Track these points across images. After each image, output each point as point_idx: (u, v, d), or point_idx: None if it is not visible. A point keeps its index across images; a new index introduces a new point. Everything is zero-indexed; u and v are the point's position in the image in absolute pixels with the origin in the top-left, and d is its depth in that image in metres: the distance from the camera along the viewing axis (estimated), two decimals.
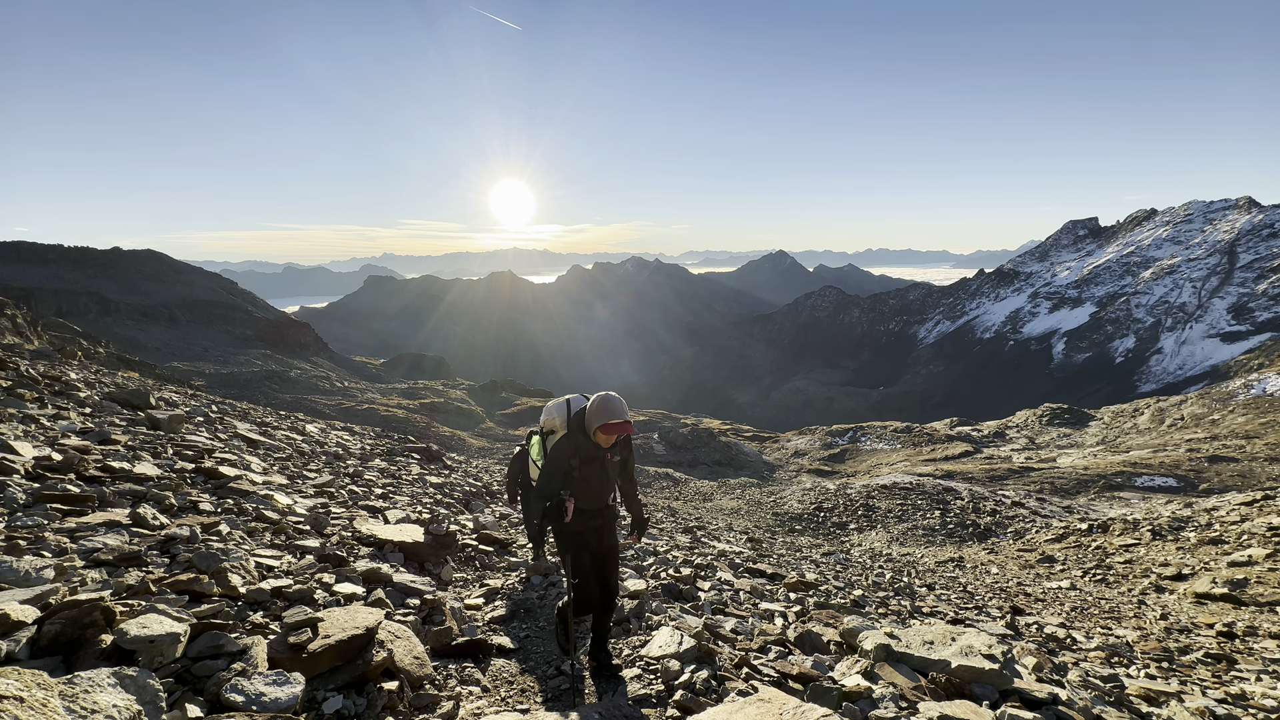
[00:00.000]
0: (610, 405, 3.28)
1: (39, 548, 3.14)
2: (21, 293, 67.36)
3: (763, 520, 17.58)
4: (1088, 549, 12.18)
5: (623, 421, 3.27)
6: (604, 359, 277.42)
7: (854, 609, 5.94)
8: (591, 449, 3.37)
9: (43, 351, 15.10)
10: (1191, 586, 8.64)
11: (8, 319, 27.93)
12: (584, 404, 3.48)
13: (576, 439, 3.39)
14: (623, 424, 3.27)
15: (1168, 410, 40.65)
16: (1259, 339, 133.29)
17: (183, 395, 13.09)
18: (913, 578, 9.90)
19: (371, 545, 5.03)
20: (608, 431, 3.27)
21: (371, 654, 2.88)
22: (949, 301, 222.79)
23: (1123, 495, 21.95)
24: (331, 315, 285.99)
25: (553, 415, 3.67)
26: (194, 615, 2.63)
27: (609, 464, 3.44)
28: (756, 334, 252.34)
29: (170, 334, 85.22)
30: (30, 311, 33.36)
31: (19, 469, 4.19)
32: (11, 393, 6.68)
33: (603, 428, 3.27)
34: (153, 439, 6.38)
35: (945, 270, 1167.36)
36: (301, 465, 7.92)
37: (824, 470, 33.85)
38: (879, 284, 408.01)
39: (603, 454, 3.40)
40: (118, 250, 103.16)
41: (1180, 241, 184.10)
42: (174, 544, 3.60)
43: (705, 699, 3.10)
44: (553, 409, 3.68)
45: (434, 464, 12.00)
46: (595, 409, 3.31)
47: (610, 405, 3.28)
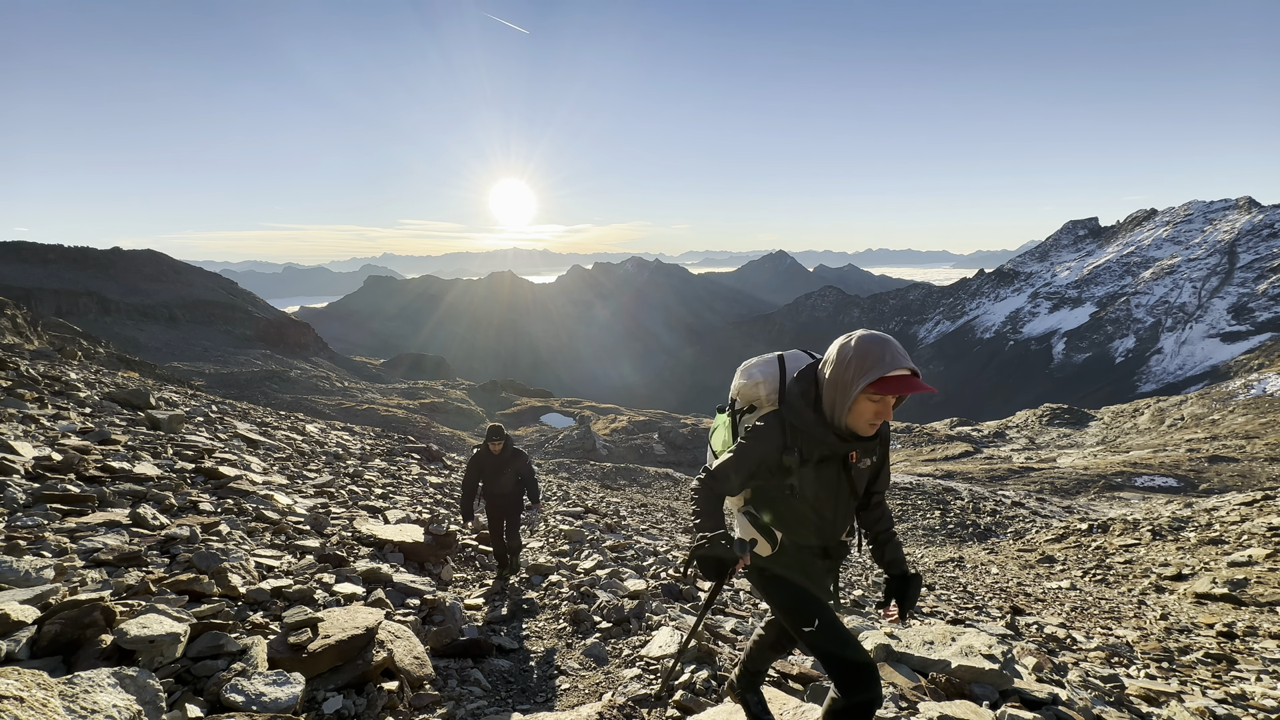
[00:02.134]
0: (885, 346, 1.76)
1: (39, 548, 3.14)
2: (21, 293, 67.38)
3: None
4: (1088, 549, 12.18)
5: (909, 373, 1.75)
6: (604, 359, 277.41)
7: (854, 609, 5.95)
8: (828, 437, 1.85)
9: (43, 351, 15.11)
10: (1191, 586, 8.64)
11: (8, 319, 27.93)
12: (807, 361, 2.06)
13: (800, 417, 1.88)
14: (907, 377, 1.74)
15: (1168, 410, 40.67)
16: (1259, 339, 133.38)
17: (183, 395, 13.09)
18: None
19: (371, 545, 5.03)
20: (885, 390, 1.74)
21: (371, 654, 2.88)
22: (949, 301, 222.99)
23: (1123, 495, 21.96)
24: (331, 315, 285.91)
25: (754, 378, 2.11)
26: (194, 615, 2.63)
27: (855, 469, 1.97)
28: (756, 334, 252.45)
29: (170, 334, 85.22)
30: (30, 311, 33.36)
31: (19, 469, 4.19)
32: (11, 393, 6.68)
33: (877, 385, 1.74)
34: (153, 439, 6.38)
35: (945, 270, 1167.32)
36: (301, 465, 7.92)
37: None
38: (879, 284, 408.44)
39: (849, 447, 1.88)
40: (118, 250, 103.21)
41: (1180, 241, 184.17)
42: (174, 544, 3.60)
43: (705, 699, 3.10)
44: (755, 369, 2.13)
45: (434, 464, 12.00)
46: (861, 350, 1.77)
47: (885, 346, 1.76)
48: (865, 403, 1.79)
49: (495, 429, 5.31)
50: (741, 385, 2.14)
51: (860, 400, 1.79)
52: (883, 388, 1.75)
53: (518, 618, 4.58)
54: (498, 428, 5.33)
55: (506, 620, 4.49)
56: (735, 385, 2.18)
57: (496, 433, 5.29)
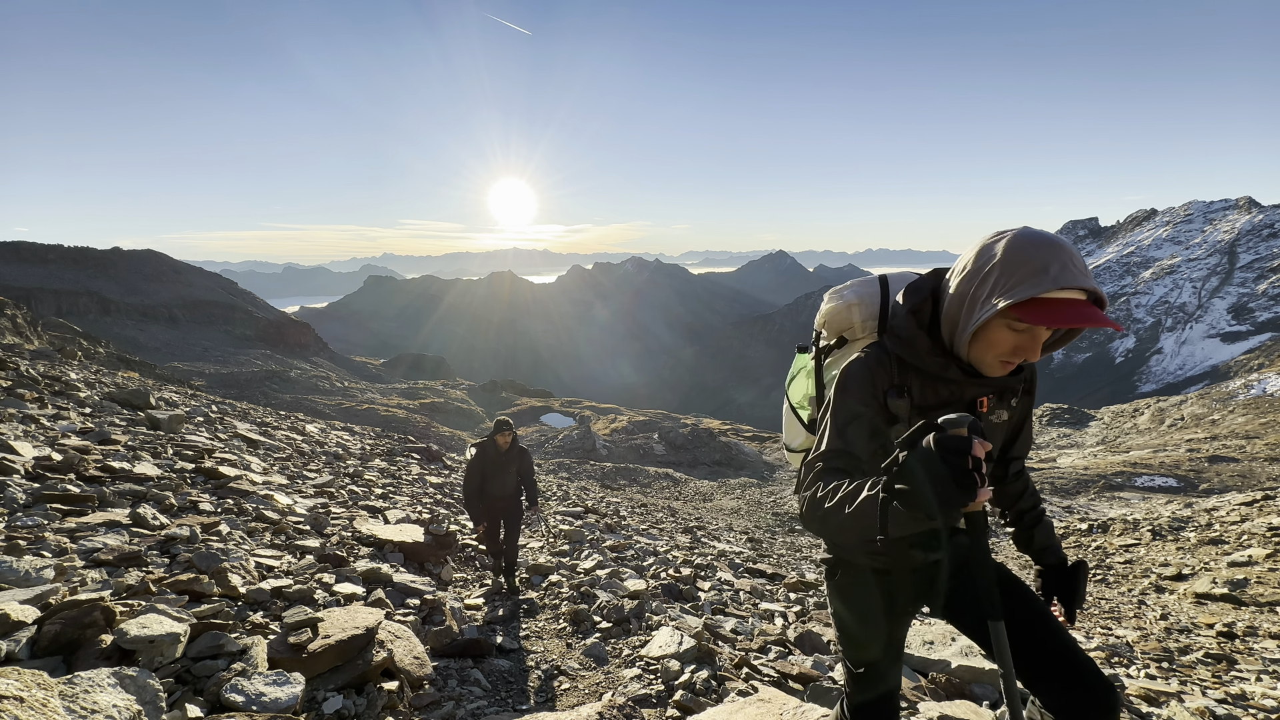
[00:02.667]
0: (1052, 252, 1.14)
1: (39, 548, 3.14)
2: (21, 293, 67.39)
3: (763, 520, 17.58)
4: (1087, 549, 12.18)
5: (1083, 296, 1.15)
6: (604, 359, 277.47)
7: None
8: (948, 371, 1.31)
9: (43, 351, 15.11)
10: (1191, 586, 8.64)
11: (8, 319, 27.93)
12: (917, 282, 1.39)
13: (907, 346, 1.33)
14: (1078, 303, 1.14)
15: (1168, 410, 40.67)
16: (1259, 339, 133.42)
17: (183, 395, 13.09)
18: None
19: (371, 545, 5.03)
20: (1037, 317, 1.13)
21: (371, 654, 2.88)
22: None
23: (1123, 495, 21.96)
24: (331, 315, 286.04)
25: (846, 300, 1.56)
26: (194, 615, 2.63)
27: (986, 422, 1.40)
28: (756, 334, 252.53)
29: (170, 334, 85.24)
30: (30, 311, 33.36)
31: (19, 469, 4.19)
32: (11, 393, 6.68)
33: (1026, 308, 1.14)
34: (153, 439, 6.38)
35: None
36: (301, 465, 7.92)
37: None
38: None
39: (980, 389, 1.34)
40: (118, 250, 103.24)
41: (1180, 242, 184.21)
42: (174, 544, 3.60)
43: (705, 699, 3.10)
44: (847, 290, 1.59)
45: (434, 464, 12.00)
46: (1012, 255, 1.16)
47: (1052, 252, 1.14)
48: (1002, 330, 1.18)
49: (503, 422, 5.01)
50: (830, 310, 1.59)
51: (995, 324, 1.18)
52: (1035, 313, 1.10)
53: (518, 618, 4.58)
54: (505, 421, 5.03)
55: (506, 620, 4.49)
56: (822, 311, 1.63)
57: (504, 425, 4.99)
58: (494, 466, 5.02)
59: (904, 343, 1.32)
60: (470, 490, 5.03)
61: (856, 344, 1.54)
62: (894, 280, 1.55)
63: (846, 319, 1.55)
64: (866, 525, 1.06)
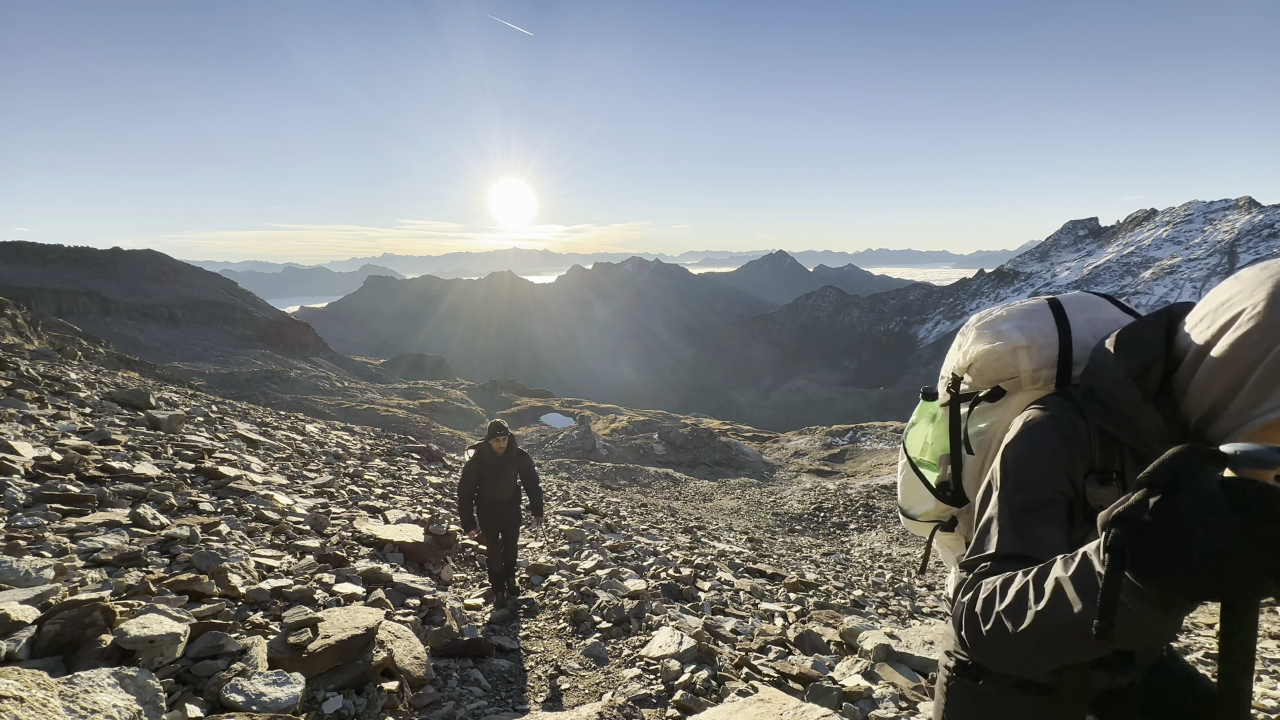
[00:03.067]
0: None
1: (39, 548, 3.14)
2: (21, 293, 67.40)
3: (763, 520, 17.58)
4: None
5: None
6: (604, 359, 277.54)
7: (854, 609, 5.95)
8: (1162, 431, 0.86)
9: (43, 351, 15.11)
10: None
11: (8, 319, 27.94)
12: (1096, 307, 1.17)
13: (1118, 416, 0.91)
14: None
15: None
16: None
17: (183, 395, 13.09)
18: (913, 578, 9.90)
19: (371, 545, 5.03)
20: None
21: (371, 654, 2.88)
22: (949, 301, 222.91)
23: None
24: (331, 315, 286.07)
25: (1010, 341, 1.13)
26: (194, 615, 2.63)
27: None
28: (756, 334, 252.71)
29: (170, 334, 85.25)
30: (30, 311, 33.36)
31: (19, 469, 4.19)
32: (11, 393, 6.68)
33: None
34: (153, 439, 6.38)
35: (945, 270, 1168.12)
36: (301, 465, 7.92)
37: (824, 470, 33.86)
38: (879, 284, 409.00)
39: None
40: (118, 250, 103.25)
41: (1180, 242, 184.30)
42: (174, 544, 3.60)
43: (705, 699, 3.10)
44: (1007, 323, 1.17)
45: (434, 464, 12.00)
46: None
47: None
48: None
49: (497, 425, 4.83)
50: (986, 353, 1.15)
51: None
52: None
53: (518, 618, 4.58)
54: (500, 424, 4.84)
55: (506, 620, 4.49)
56: (969, 351, 1.20)
57: (499, 429, 4.78)
58: (491, 470, 4.86)
59: (1117, 416, 0.91)
60: (464, 494, 4.86)
61: (1021, 397, 1.13)
62: (1072, 308, 1.14)
63: (1010, 365, 1.12)
64: (1067, 622, 0.68)
